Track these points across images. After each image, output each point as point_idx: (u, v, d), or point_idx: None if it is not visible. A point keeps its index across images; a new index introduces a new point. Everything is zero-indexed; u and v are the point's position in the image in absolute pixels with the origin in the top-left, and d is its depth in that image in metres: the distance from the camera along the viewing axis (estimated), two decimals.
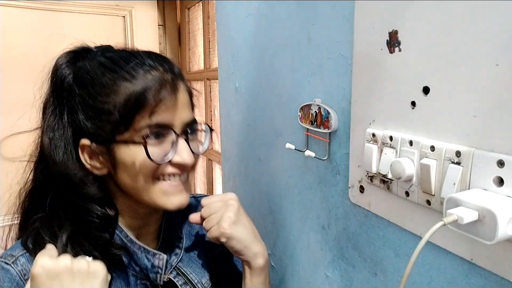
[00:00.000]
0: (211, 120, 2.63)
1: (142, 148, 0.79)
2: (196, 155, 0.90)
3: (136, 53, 0.87)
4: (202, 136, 0.95)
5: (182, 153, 0.84)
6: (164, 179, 0.85)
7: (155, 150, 0.81)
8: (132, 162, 0.81)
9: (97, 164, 0.86)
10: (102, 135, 0.82)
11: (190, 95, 0.92)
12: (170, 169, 0.84)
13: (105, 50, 0.90)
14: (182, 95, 0.86)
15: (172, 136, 0.83)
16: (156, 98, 0.79)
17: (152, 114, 0.80)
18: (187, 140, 0.85)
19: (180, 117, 0.84)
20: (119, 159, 0.82)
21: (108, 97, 0.80)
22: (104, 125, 0.81)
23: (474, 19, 0.56)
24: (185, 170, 0.87)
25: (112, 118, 0.80)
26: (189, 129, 0.87)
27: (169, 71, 0.85)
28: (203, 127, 0.94)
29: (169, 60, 0.88)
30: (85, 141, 0.84)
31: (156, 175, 0.84)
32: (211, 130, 0.95)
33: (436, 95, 0.63)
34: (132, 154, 0.81)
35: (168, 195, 0.86)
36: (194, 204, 1.09)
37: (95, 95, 0.81)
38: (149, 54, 0.87)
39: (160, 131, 0.82)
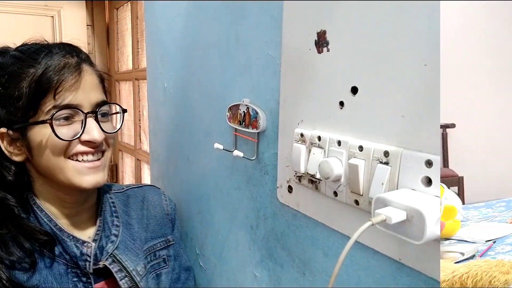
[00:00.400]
0: (140, 120, 2.63)
1: (50, 128, 0.84)
2: (110, 135, 0.93)
3: (47, 44, 0.92)
4: (117, 121, 1.00)
5: (91, 131, 0.87)
6: (78, 160, 0.88)
7: (64, 130, 0.85)
8: (43, 142, 0.86)
9: (16, 150, 0.90)
10: (15, 120, 0.87)
11: (102, 79, 0.96)
12: (81, 148, 0.88)
13: (20, 45, 0.94)
14: (89, 77, 0.90)
15: (81, 116, 0.87)
16: (58, 78, 0.84)
17: (56, 95, 0.84)
18: (97, 120, 0.88)
19: (87, 97, 0.88)
20: (32, 141, 0.87)
21: (18, 84, 0.85)
22: (16, 111, 0.86)
23: (402, 19, 0.57)
24: (97, 149, 0.90)
25: (21, 104, 0.85)
26: (101, 111, 0.91)
27: (75, 55, 0.90)
28: (117, 108, 0.99)
29: (77, 47, 0.95)
30: (2, 130, 0.88)
31: (68, 154, 0.87)
32: (124, 110, 0.99)
33: (364, 95, 0.64)
34: (42, 134, 0.85)
35: (83, 175, 0.89)
36: (134, 194, 1.14)
37: (6, 84, 0.86)
38: (60, 44, 0.93)
39: (68, 112, 0.86)
